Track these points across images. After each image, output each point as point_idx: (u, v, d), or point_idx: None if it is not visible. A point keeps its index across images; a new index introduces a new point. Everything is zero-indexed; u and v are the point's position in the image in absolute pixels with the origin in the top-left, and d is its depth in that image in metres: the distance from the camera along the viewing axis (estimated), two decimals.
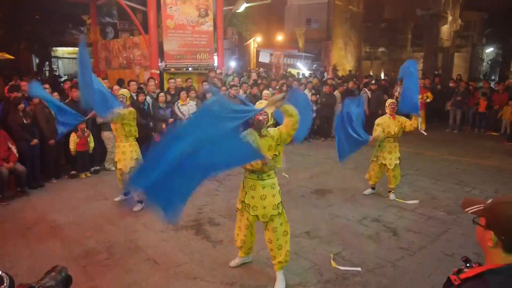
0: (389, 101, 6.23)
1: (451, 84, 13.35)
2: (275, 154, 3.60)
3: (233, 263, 4.11)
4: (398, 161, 6.09)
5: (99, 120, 7.55)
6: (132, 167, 5.63)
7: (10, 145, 6.22)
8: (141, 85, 8.78)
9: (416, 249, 4.51)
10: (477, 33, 33.66)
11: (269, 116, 3.59)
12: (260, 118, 3.54)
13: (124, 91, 5.94)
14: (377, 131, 5.98)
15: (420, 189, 6.70)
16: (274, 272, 3.80)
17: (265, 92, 7.42)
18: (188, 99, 8.56)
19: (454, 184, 7.00)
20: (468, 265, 1.58)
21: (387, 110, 6.09)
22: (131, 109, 5.75)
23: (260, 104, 3.63)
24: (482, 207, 1.44)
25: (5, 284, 1.25)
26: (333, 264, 4.13)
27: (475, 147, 10.20)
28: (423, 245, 4.60)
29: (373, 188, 6.44)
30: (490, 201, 1.44)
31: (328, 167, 8.16)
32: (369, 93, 11.65)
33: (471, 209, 1.47)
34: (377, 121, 6.11)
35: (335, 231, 5.00)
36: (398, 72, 6.60)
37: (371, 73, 26.01)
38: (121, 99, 5.64)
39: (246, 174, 3.71)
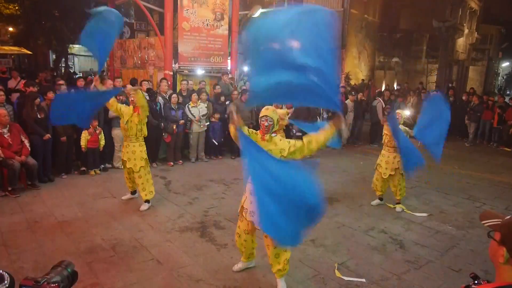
0: (401, 111, 6.22)
1: (463, 98, 13.21)
2: None
3: (236, 267, 4.10)
4: (393, 172, 6.01)
5: (111, 114, 7.59)
6: (142, 166, 5.66)
7: (23, 139, 6.32)
8: (150, 87, 8.79)
9: (422, 262, 4.45)
10: (493, 47, 33.32)
11: (275, 122, 3.59)
12: (266, 124, 3.56)
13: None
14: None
15: (429, 202, 6.62)
16: (276, 278, 3.78)
17: None
18: (199, 101, 8.60)
19: (464, 198, 6.90)
20: (476, 282, 1.56)
21: None
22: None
23: (266, 110, 3.62)
24: (500, 222, 1.42)
25: (5, 282, 1.26)
26: (337, 273, 4.09)
27: (487, 162, 10.06)
28: (430, 259, 4.53)
29: (380, 199, 6.38)
30: (509, 217, 1.42)
31: (337, 175, 8.11)
32: (382, 102, 11.62)
33: (487, 222, 1.46)
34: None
35: (341, 241, 4.96)
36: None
37: (384, 83, 25.92)
38: (133, 98, 5.67)
39: (249, 179, 3.69)
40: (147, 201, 5.78)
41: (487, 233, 1.46)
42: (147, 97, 7.94)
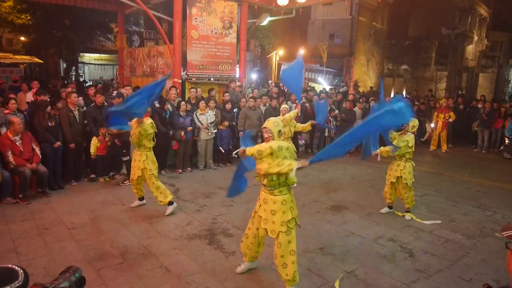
0: None
1: (479, 105, 13.08)
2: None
3: (239, 269, 4.17)
4: (394, 180, 5.97)
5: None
6: (139, 176, 5.74)
7: (34, 147, 6.40)
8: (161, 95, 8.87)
9: (432, 272, 4.40)
10: (503, 54, 33.09)
11: (275, 134, 3.69)
12: (265, 136, 3.69)
13: None
14: (385, 148, 5.87)
15: (438, 210, 6.55)
16: (286, 287, 3.77)
17: (284, 106, 7.43)
18: (208, 109, 8.65)
19: (475, 207, 6.82)
20: None
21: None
22: (151, 120, 5.85)
23: (267, 122, 3.77)
24: None
25: (20, 279, 1.27)
26: (337, 284, 4.03)
27: (497, 170, 9.93)
28: (440, 268, 4.48)
29: (390, 207, 6.34)
30: None
31: (345, 183, 8.08)
32: None
33: (506, 233, 1.48)
34: (393, 134, 6.04)
35: (350, 249, 4.92)
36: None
37: (393, 91, 25.81)
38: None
39: (262, 187, 3.78)
40: (170, 202, 5.85)
41: (505, 244, 1.46)
42: (157, 105, 8.06)
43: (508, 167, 10.35)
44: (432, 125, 12.37)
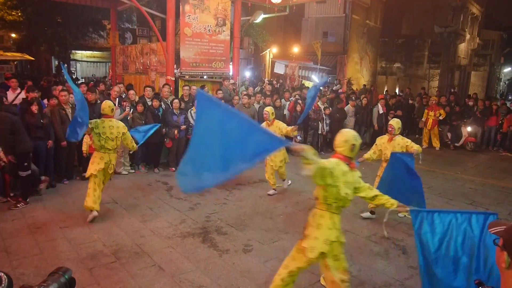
0: (392, 121, 5.92)
1: (470, 103, 13.14)
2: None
3: None
4: None
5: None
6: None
7: None
8: (158, 92, 8.90)
9: None
10: (495, 52, 33.37)
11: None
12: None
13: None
14: (369, 152, 5.94)
15: (431, 207, 6.57)
16: None
17: (267, 109, 6.99)
18: None
19: (467, 204, 6.87)
20: None
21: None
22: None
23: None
24: (503, 229, 1.43)
25: (3, 285, 1.24)
26: (322, 281, 4.03)
27: (489, 167, 10.01)
28: None
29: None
30: None
31: None
32: (380, 107, 11.63)
33: (493, 230, 1.48)
34: (378, 139, 6.02)
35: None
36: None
37: (386, 88, 25.92)
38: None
39: (333, 210, 3.40)
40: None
41: (493, 241, 1.46)
42: (149, 103, 8.04)
43: (500, 164, 10.44)
44: (469, 129, 12.02)
